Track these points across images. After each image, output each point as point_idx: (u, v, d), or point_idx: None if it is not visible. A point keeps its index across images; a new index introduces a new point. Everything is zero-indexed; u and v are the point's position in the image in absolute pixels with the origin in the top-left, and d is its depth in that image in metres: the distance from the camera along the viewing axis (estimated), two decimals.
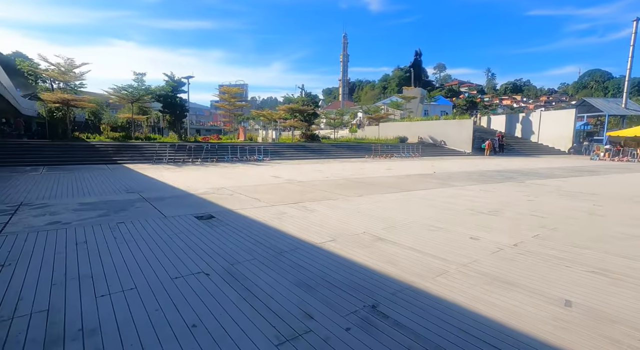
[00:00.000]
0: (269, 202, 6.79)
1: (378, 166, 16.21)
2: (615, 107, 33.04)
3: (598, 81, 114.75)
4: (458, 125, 27.67)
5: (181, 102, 21.65)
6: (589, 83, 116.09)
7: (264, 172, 12.92)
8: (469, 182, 10.34)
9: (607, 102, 34.41)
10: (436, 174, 12.53)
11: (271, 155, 19.90)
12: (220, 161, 17.27)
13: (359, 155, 23.06)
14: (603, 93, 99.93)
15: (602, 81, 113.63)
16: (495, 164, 18.12)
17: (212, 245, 4.01)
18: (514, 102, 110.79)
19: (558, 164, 18.41)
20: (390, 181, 10.38)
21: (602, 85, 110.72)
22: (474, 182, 10.36)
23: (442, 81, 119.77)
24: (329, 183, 9.81)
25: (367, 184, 9.60)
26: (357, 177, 11.29)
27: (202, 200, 6.95)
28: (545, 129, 30.53)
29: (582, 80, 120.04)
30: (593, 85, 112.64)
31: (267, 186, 9.05)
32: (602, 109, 32.18)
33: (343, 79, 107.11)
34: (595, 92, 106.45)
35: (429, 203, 6.84)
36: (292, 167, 15.32)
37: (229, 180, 10.11)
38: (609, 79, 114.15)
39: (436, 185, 9.45)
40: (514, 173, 13.32)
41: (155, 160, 15.59)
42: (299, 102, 27.05)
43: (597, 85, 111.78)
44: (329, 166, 15.87)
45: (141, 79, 19.34)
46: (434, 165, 16.59)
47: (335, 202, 6.89)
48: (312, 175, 11.77)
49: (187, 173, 12.06)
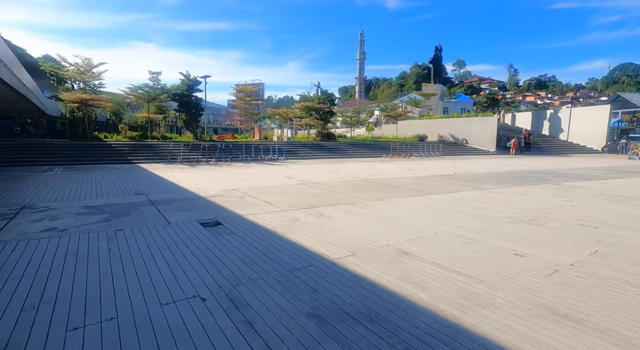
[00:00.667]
0: (281, 206, 6.30)
1: (397, 166, 15.48)
2: None
3: (630, 75, 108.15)
4: (481, 123, 26.38)
5: (196, 101, 21.57)
6: (620, 78, 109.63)
7: (278, 172, 12.48)
8: (498, 184, 9.51)
9: None
10: (460, 175, 11.71)
11: (286, 155, 19.49)
12: (235, 161, 16.99)
13: (376, 154, 22.32)
14: (636, 88, 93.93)
15: (635, 75, 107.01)
16: (524, 163, 16.98)
17: (215, 259, 3.54)
18: (538, 99, 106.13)
19: (593, 164, 17.07)
20: (411, 183, 9.69)
21: (635, 80, 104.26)
22: (504, 184, 9.52)
23: (461, 78, 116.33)
24: (346, 185, 9.23)
25: (386, 186, 8.96)
26: (375, 179, 10.65)
27: (210, 203, 6.53)
28: (575, 126, 28.70)
29: (613, 75, 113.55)
30: (625, 80, 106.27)
31: (280, 188, 8.57)
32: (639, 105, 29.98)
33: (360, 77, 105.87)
34: (627, 87, 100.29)
35: (458, 208, 6.15)
36: (307, 167, 14.83)
37: (241, 182, 9.71)
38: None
39: (462, 188, 8.69)
40: (546, 174, 12.30)
41: (169, 160, 15.46)
42: (315, 100, 26.53)
43: (630, 80, 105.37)
44: (346, 166, 15.27)
45: (156, 78, 19.36)
46: (457, 166, 15.68)
47: (353, 206, 6.31)
48: (328, 176, 11.23)
49: (200, 173, 11.77)
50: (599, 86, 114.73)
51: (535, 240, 4.26)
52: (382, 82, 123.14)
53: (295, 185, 9.11)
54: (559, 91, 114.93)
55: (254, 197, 7.21)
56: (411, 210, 5.99)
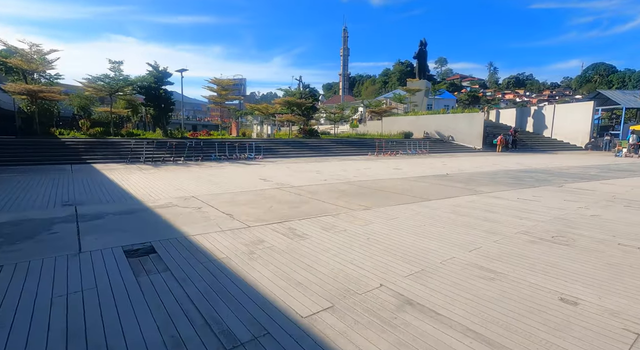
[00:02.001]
0: (246, 220, 5.01)
1: (384, 165, 14.40)
2: (634, 100, 31.06)
3: (602, 75, 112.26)
4: (467, 120, 25.76)
5: (167, 94, 19.77)
6: (592, 77, 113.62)
7: (253, 173, 11.12)
8: (497, 186, 8.54)
9: (624, 95, 32.40)
10: (453, 176, 10.72)
11: (265, 153, 18.10)
12: (206, 160, 15.46)
13: (361, 152, 21.24)
14: (607, 87, 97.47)
15: (606, 75, 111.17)
16: (515, 162, 16.28)
17: (113, 330, 2.22)
18: (517, 97, 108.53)
19: (583, 162, 16.58)
20: (401, 185, 8.58)
21: (606, 79, 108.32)
22: (503, 186, 8.55)
23: (443, 75, 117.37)
24: (328, 189, 8.01)
25: (374, 190, 7.80)
26: (361, 180, 9.49)
27: (155, 218, 5.16)
28: (559, 123, 28.60)
29: (586, 74, 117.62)
30: (597, 79, 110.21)
31: (251, 194, 7.25)
32: (620, 102, 30.23)
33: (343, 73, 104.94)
34: (599, 85, 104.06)
35: (462, 220, 5.04)
36: (287, 166, 13.52)
37: (206, 186, 8.32)
38: (613, 72, 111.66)
39: (460, 192, 7.64)
40: (543, 173, 11.50)
41: (130, 160, 13.77)
42: (297, 95, 25.15)
43: (601, 79, 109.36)
44: (329, 166, 14.06)
45: (118, 68, 17.41)
46: (446, 164, 14.77)
47: (335, 219, 5.10)
48: (309, 178, 9.97)
49: (160, 176, 10.26)
50: (573, 85, 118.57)
51: (578, 272, 3.16)
52: (365, 79, 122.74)
53: (269, 190, 7.81)
54: (537, 89, 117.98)
55: (215, 207, 5.88)
56: (406, 225, 4.83)
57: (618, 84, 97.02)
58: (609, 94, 31.93)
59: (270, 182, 9.01)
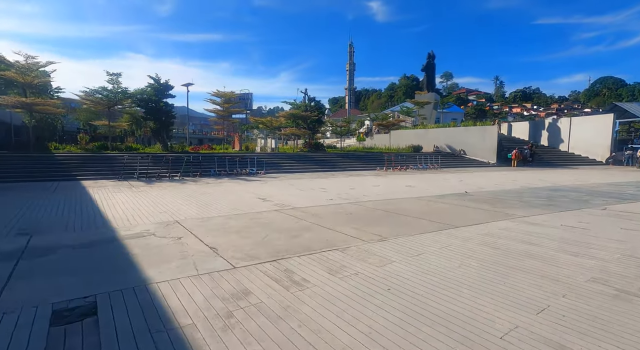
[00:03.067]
0: (232, 257, 3.99)
1: (395, 182, 13.34)
2: None
3: (611, 88, 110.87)
4: (480, 133, 24.67)
5: (167, 107, 19.16)
6: (601, 90, 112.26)
7: (252, 191, 10.14)
8: (529, 208, 7.40)
9: None
10: (474, 195, 9.60)
11: (268, 168, 17.19)
12: (205, 175, 14.56)
13: (369, 167, 20.21)
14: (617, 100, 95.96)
15: (615, 88, 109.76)
16: (537, 178, 15.06)
17: None
18: (524, 110, 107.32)
19: (612, 179, 15.29)
20: (418, 207, 7.49)
21: (615, 93, 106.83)
22: (536, 208, 7.41)
23: (449, 90, 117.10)
24: (335, 211, 6.97)
25: (388, 213, 6.74)
26: (372, 200, 8.43)
27: (119, 254, 4.16)
28: (576, 136, 27.31)
29: (594, 88, 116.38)
30: (605, 93, 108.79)
31: (245, 218, 6.24)
32: (639, 114, 28.95)
33: (349, 87, 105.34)
34: (608, 99, 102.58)
35: (505, 258, 3.94)
36: (290, 183, 12.53)
37: (196, 207, 7.34)
38: (622, 86, 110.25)
39: (488, 216, 6.53)
40: (573, 191, 10.31)
41: (123, 176, 12.92)
42: (302, 107, 24.44)
43: (610, 93, 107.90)
44: (335, 182, 13.04)
45: (116, 81, 16.85)
46: (463, 181, 13.64)
47: (344, 256, 4.05)
48: (313, 197, 8.95)
49: (149, 194, 9.33)
50: (581, 98, 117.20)
51: None
52: (371, 93, 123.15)
53: (267, 213, 6.80)
54: (544, 103, 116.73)
55: (199, 237, 4.87)
56: (436, 265, 3.74)
57: (628, 98, 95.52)
58: (627, 107, 30.68)
59: (270, 203, 8.01)
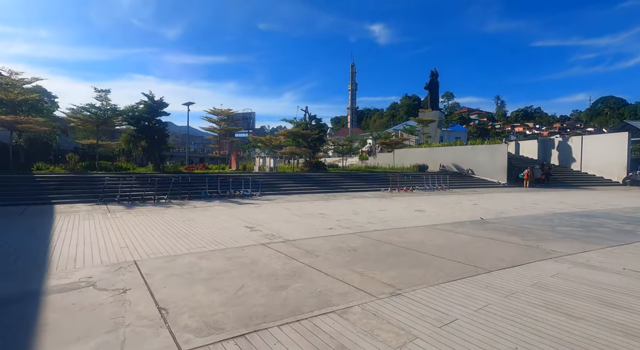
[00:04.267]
0: (185, 328, 2.73)
1: (402, 205, 12.08)
2: None
3: (612, 108, 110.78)
4: (489, 152, 23.56)
5: (160, 125, 18.29)
6: (603, 110, 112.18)
7: (241, 217, 8.92)
8: (568, 240, 6.12)
9: None
10: (496, 222, 8.32)
11: (264, 189, 16.01)
12: (195, 198, 13.38)
13: (373, 187, 19.00)
14: (619, 119, 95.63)
15: (617, 108, 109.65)
16: (556, 201, 13.75)
17: None
18: (527, 129, 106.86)
19: (630, 201, 13.97)
20: (434, 238, 6.22)
21: (617, 112, 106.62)
22: (577, 241, 6.12)
23: (450, 109, 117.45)
24: (335, 245, 5.72)
25: (399, 248, 5.47)
26: (378, 230, 7.17)
27: (20, 323, 2.92)
28: (589, 155, 26.12)
29: (596, 107, 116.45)
30: (607, 112, 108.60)
31: (223, 257, 5.00)
32: None
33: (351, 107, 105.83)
34: (610, 118, 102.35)
35: (583, 331, 2.65)
36: (286, 207, 11.32)
37: (169, 240, 6.11)
38: (623, 105, 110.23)
39: (524, 253, 5.25)
40: (607, 218, 9.00)
41: (103, 199, 11.75)
42: (302, 125, 23.58)
43: (612, 112, 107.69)
44: (336, 205, 11.81)
45: (105, 97, 16.04)
46: (478, 204, 12.36)
47: (345, 324, 2.77)
48: (309, 225, 7.71)
49: (121, 222, 8.11)
50: (583, 118, 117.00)
51: None
52: (373, 112, 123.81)
53: (252, 248, 5.56)
54: (546, 122, 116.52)
55: (151, 289, 3.63)
56: (478, 340, 2.46)
57: (630, 117, 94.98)
58: (638, 125, 29.66)
59: (258, 233, 6.77)
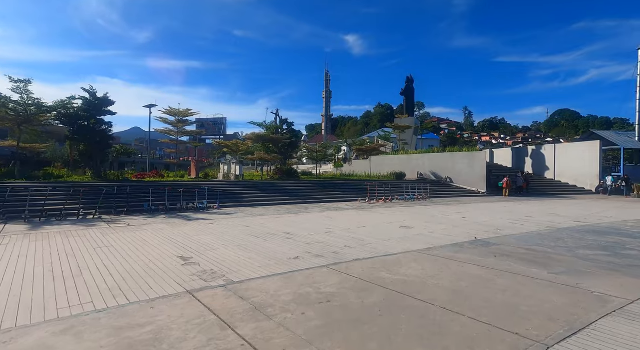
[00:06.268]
0: None
1: (383, 219, 10.37)
2: (629, 141, 29.57)
3: (568, 120, 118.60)
4: (468, 159, 22.73)
5: (103, 127, 15.57)
6: (559, 122, 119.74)
7: (180, 241, 6.75)
8: (603, 273, 4.60)
9: (618, 135, 31.02)
10: (500, 244, 6.76)
11: (225, 200, 13.80)
12: (136, 211, 10.94)
13: (349, 197, 17.29)
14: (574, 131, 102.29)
15: (572, 120, 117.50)
16: (546, 211, 12.66)
17: None
18: (493, 139, 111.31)
19: (624, 213, 13.23)
20: (435, 273, 4.45)
21: (573, 124, 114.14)
22: (615, 273, 4.62)
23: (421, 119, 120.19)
24: (298, 290, 3.77)
25: (396, 298, 3.62)
26: (360, 258, 5.32)
27: None
28: (562, 164, 26.13)
29: (553, 119, 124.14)
30: (564, 124, 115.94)
31: (105, 331, 2.90)
32: (617, 143, 28.55)
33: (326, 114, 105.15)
34: (567, 130, 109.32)
35: None
36: (245, 224, 9.23)
37: (36, 288, 3.90)
38: (577, 118, 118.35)
39: (567, 300, 3.59)
40: (621, 235, 7.75)
41: (6, 216, 9.06)
42: (271, 128, 21.58)
43: (568, 124, 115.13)
44: (307, 221, 9.89)
45: (24, 89, 13.15)
46: (466, 218, 10.91)
47: None
48: (269, 253, 5.72)
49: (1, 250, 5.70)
50: (543, 128, 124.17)
51: None
52: (347, 120, 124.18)
53: (170, 302, 3.49)
54: (510, 132, 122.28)
55: None
56: None
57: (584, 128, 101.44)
58: (604, 135, 30.39)
59: (193, 269, 4.71)
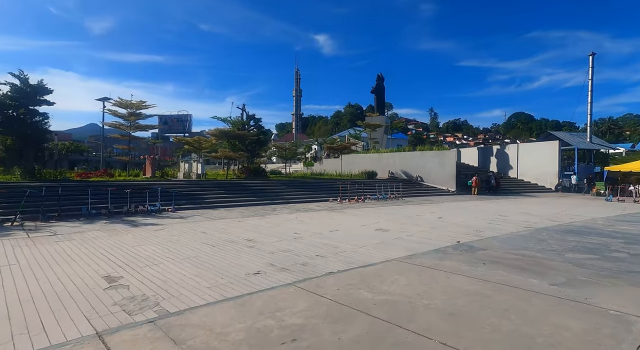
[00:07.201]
0: None
1: (357, 221, 9.59)
2: (582, 141, 31.45)
3: (523, 122, 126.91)
4: (438, 158, 22.76)
5: (36, 119, 13.43)
6: (516, 124, 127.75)
7: (113, 254, 5.47)
8: (605, 281, 4.07)
9: (572, 136, 32.90)
10: (485, 248, 6.19)
11: (182, 202, 12.37)
12: (72, 216, 9.29)
13: (320, 197, 16.42)
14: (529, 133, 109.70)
15: (527, 122, 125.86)
16: (519, 211, 12.58)
17: None
18: (456, 139, 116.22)
19: (589, 211, 13.54)
20: (428, 293, 3.66)
21: (527, 126, 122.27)
22: (615, 281, 4.10)
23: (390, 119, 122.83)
24: (258, 323, 2.77)
25: (380, 328, 2.74)
26: (335, 273, 4.42)
27: None
28: (524, 163, 27.12)
29: (510, 121, 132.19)
30: (520, 126, 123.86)
31: None
32: (571, 143, 30.21)
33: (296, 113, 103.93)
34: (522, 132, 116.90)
35: None
36: (202, 229, 8.01)
37: None
38: (531, 121, 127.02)
39: (585, 324, 2.92)
40: (595, 235, 7.53)
41: None
42: (237, 124, 20.18)
43: (523, 126, 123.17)
44: (273, 224, 8.86)
45: None
46: (443, 218, 10.44)
47: None
48: (224, 267, 4.65)
49: None
50: (501, 130, 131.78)
51: None
52: (318, 119, 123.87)
53: None
54: (472, 133, 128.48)
55: None
56: None
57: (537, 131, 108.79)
58: (560, 135, 32.06)
59: (117, 294, 3.55)
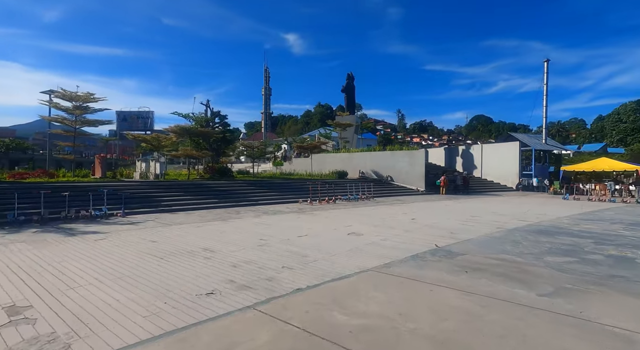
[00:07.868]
0: None
1: (329, 224, 8.99)
2: (538, 143, 33.31)
3: (483, 124, 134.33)
4: (408, 158, 22.85)
5: None
6: (477, 126, 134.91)
7: (28, 274, 4.40)
8: (593, 289, 3.78)
9: (529, 138, 34.76)
10: (465, 253, 5.82)
11: (136, 205, 11.06)
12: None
13: (289, 198, 15.66)
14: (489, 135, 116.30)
15: (486, 125, 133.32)
16: (488, 210, 12.67)
17: None
18: (422, 140, 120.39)
19: (549, 209, 14.00)
20: (412, 313, 3.09)
21: (487, 128, 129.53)
22: (604, 289, 3.83)
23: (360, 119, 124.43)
24: None
25: None
26: (304, 289, 3.75)
27: None
28: (488, 163, 28.15)
29: (472, 123, 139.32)
30: (480, 128, 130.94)
31: None
32: (529, 144, 31.87)
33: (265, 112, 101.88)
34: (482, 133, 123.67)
35: None
36: (152, 236, 6.98)
37: None
38: (490, 123, 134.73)
39: (572, 337, 2.50)
40: (566, 235, 7.51)
41: None
42: (200, 121, 18.84)
43: (483, 128, 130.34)
44: (236, 230, 8.00)
45: None
46: (416, 219, 10.13)
47: None
48: (171, 285, 3.80)
49: None
50: (463, 131, 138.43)
51: None
52: (288, 119, 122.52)
53: None
54: (437, 134, 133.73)
55: None
56: None
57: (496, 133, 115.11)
58: (519, 137, 33.73)
59: (15, 334, 2.61)
